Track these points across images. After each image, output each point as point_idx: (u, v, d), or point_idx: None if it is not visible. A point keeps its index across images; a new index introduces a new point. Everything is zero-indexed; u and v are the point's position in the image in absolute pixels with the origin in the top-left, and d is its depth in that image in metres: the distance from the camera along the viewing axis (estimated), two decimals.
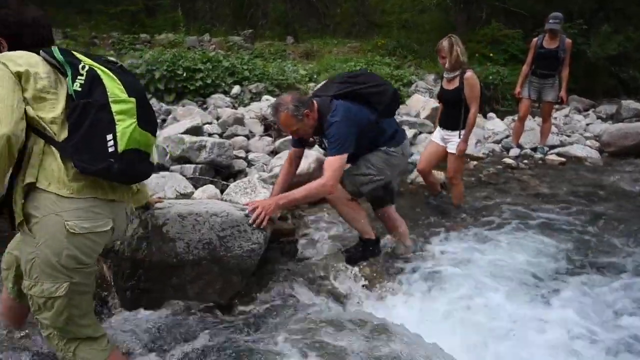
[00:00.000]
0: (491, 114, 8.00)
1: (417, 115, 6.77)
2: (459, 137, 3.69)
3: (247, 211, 2.40)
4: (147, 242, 2.20)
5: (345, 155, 2.54)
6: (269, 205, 2.43)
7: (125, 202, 1.72)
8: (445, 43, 3.55)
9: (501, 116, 7.96)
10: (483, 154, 6.05)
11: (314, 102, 2.62)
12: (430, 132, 6.45)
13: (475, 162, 5.68)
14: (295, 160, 2.96)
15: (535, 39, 5.74)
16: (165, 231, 2.22)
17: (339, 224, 3.46)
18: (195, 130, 4.51)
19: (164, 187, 3.45)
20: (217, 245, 2.28)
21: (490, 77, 8.65)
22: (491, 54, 9.77)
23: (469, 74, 3.56)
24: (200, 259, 2.25)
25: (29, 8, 1.63)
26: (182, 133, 4.34)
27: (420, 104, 7.08)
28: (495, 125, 7.20)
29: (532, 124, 7.21)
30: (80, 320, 1.63)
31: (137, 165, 1.58)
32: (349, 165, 2.76)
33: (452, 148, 3.77)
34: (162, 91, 6.58)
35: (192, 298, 2.30)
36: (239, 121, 5.34)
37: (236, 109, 6.16)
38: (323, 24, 14.67)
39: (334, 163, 2.51)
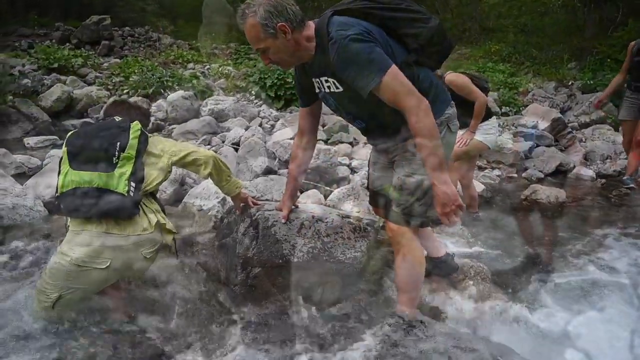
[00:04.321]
0: None
1: (535, 127, 6.23)
2: (482, 130, 3.45)
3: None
4: (257, 241, 2.31)
5: (394, 69, 1.69)
6: (453, 193, 1.76)
7: (119, 234, 1.94)
8: None
9: None
10: (613, 171, 5.35)
11: (309, 23, 1.83)
12: (549, 146, 5.91)
13: (603, 180, 5.05)
14: (309, 128, 2.13)
15: (633, 43, 4.62)
16: (273, 232, 2.31)
17: (447, 235, 3.31)
18: None
19: (271, 189, 3.61)
20: (321, 250, 2.31)
21: (626, 85, 7.64)
22: None
23: (447, 77, 3.38)
24: (304, 262, 2.30)
25: None
26: (290, 139, 4.52)
27: (539, 113, 6.52)
28: None
29: None
30: None
31: (77, 200, 1.90)
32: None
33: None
34: (272, 98, 6.96)
35: (294, 299, 2.36)
36: (344, 128, 5.41)
37: None
38: None
39: (393, 85, 1.68)
